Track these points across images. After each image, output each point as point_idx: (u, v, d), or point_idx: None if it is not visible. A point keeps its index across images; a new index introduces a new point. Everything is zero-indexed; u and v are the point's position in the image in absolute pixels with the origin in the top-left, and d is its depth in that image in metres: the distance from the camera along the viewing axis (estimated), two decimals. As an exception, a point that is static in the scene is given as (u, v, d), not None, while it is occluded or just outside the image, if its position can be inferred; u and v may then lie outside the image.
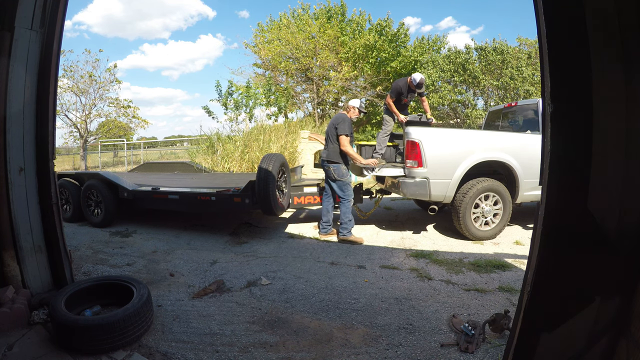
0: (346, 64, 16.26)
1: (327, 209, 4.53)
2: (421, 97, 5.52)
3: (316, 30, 16.12)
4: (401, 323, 2.40)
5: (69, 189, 5.29)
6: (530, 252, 1.38)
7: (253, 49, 17.63)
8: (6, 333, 2.05)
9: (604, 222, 1.23)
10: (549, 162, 1.27)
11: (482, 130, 6.05)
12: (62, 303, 2.12)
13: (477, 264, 3.48)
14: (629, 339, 1.22)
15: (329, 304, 2.69)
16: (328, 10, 17.19)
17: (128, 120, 18.94)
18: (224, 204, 4.47)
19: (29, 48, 2.37)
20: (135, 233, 4.75)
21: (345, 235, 4.27)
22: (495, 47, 13.51)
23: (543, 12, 1.24)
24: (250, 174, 6.54)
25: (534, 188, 4.39)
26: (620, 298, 1.25)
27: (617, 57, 1.18)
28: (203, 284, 3.08)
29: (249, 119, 11.90)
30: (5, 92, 2.27)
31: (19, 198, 2.40)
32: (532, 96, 11.74)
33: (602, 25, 1.18)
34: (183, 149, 18.50)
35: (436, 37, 18.02)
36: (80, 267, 3.41)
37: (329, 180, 4.40)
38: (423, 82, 5.05)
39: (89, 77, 16.28)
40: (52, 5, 2.40)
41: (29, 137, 2.45)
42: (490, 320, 2.21)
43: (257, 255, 3.88)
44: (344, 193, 4.29)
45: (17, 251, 2.39)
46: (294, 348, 2.12)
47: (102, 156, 18.48)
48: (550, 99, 1.25)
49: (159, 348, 2.10)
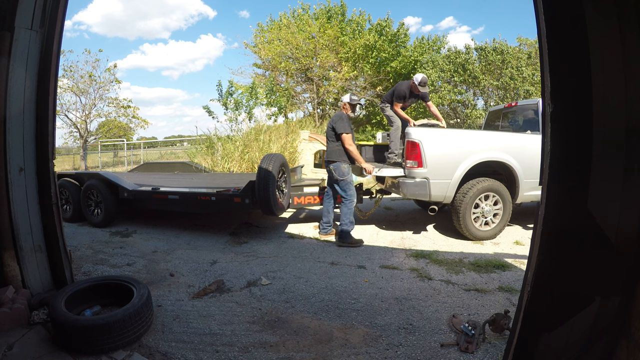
0: (346, 64, 16.26)
1: (328, 209, 4.51)
2: (426, 102, 5.43)
3: (316, 30, 16.12)
4: (401, 323, 2.40)
5: (69, 189, 5.29)
6: (530, 252, 1.38)
7: (253, 49, 17.65)
8: (6, 333, 2.05)
9: (604, 222, 1.23)
10: (549, 162, 1.27)
11: (482, 130, 6.05)
12: (62, 303, 2.12)
13: (477, 264, 3.48)
14: (629, 339, 1.22)
15: (329, 304, 2.69)
16: (328, 10, 17.19)
17: (128, 120, 18.97)
18: (224, 204, 4.47)
19: (29, 48, 2.37)
20: (135, 233, 4.75)
21: (343, 241, 4.16)
22: (495, 47, 13.51)
23: (543, 12, 1.24)
24: (250, 174, 6.54)
25: (534, 188, 4.39)
26: (620, 298, 1.25)
27: (618, 57, 1.18)
28: (203, 284, 3.08)
29: (248, 119, 11.90)
30: (5, 92, 2.27)
31: (19, 198, 2.40)
32: (532, 96, 11.74)
33: (603, 24, 1.18)
34: (183, 149, 18.51)
35: (436, 37, 18.04)
36: (80, 267, 3.41)
37: (331, 181, 4.37)
38: (426, 81, 5.03)
39: (89, 77, 16.30)
40: (52, 5, 2.41)
41: (29, 137, 2.45)
42: (490, 320, 2.21)
43: (257, 255, 3.88)
44: (346, 193, 4.22)
45: (17, 251, 2.39)
46: (294, 348, 2.12)
47: (102, 156, 18.48)
48: (550, 99, 1.25)
49: (159, 348, 2.10)
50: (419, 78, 4.99)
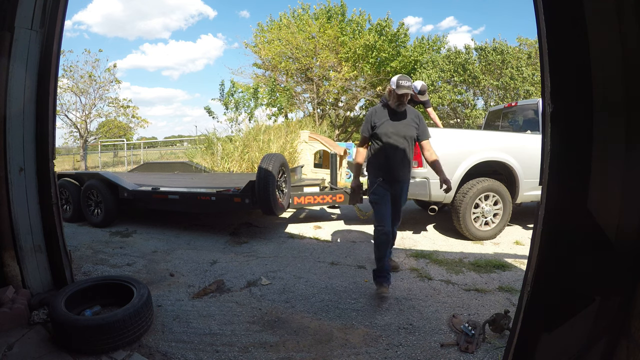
0: (346, 64, 16.25)
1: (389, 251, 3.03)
2: (427, 109, 5.37)
3: (316, 30, 16.11)
4: (401, 323, 2.40)
5: (69, 189, 5.29)
6: (530, 252, 1.38)
7: (253, 49, 17.63)
8: (6, 333, 2.05)
9: (604, 222, 1.23)
10: (549, 162, 1.27)
11: (482, 130, 6.05)
12: (62, 303, 2.12)
13: (477, 264, 3.48)
14: (629, 339, 1.22)
15: (329, 304, 2.69)
16: (328, 10, 17.18)
17: (128, 120, 18.98)
18: (224, 204, 4.47)
19: (29, 48, 2.37)
20: (135, 233, 4.75)
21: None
22: (495, 47, 13.52)
23: (543, 12, 1.24)
24: (250, 174, 6.54)
25: (534, 188, 4.39)
26: (620, 298, 1.25)
27: (618, 57, 1.18)
28: (203, 284, 3.08)
29: (248, 119, 11.91)
30: (5, 92, 2.27)
31: (19, 198, 2.40)
32: (532, 96, 11.74)
33: (603, 25, 1.18)
34: (183, 149, 18.51)
35: (436, 37, 18.03)
36: (80, 267, 3.41)
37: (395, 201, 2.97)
38: (425, 89, 4.98)
39: (88, 77, 16.32)
40: (52, 5, 2.40)
41: (29, 137, 2.45)
42: (490, 320, 2.21)
43: (257, 255, 3.88)
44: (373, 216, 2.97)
45: (17, 251, 2.39)
46: (294, 348, 2.12)
47: (102, 156, 18.48)
48: (550, 99, 1.25)
49: (159, 348, 2.10)
50: (418, 86, 4.91)
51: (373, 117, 2.92)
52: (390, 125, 2.86)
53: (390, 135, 2.85)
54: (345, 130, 19.69)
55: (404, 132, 2.88)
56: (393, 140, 2.85)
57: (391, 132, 2.85)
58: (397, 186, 2.93)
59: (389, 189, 2.90)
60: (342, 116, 19.41)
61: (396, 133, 2.86)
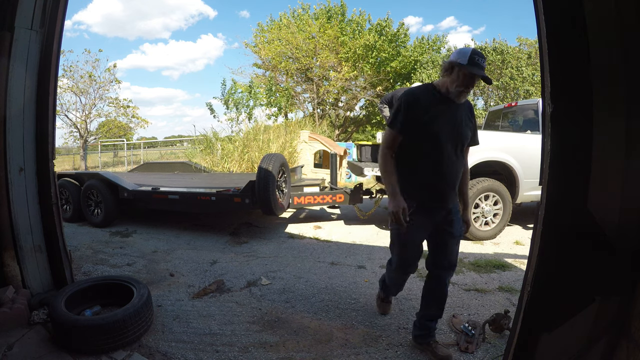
0: (346, 64, 16.25)
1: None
2: None
3: (316, 30, 16.11)
4: (401, 323, 2.40)
5: (69, 189, 5.29)
6: (530, 252, 1.38)
7: (253, 49, 17.63)
8: (6, 333, 2.05)
9: (604, 222, 1.23)
10: (549, 162, 1.27)
11: (482, 130, 6.05)
12: (62, 303, 2.12)
13: (477, 264, 3.48)
14: (629, 339, 1.22)
15: (329, 304, 2.69)
16: (328, 10, 17.18)
17: (128, 120, 18.98)
18: (224, 204, 4.47)
19: (29, 48, 2.37)
20: (135, 233, 4.75)
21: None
22: (495, 47, 13.51)
23: (543, 12, 1.24)
24: (250, 174, 6.54)
25: (534, 188, 4.39)
26: (620, 298, 1.25)
27: (618, 57, 1.18)
28: (203, 284, 3.08)
29: (248, 119, 11.91)
30: (5, 92, 2.27)
31: (19, 198, 2.40)
32: (532, 96, 11.74)
33: (603, 25, 1.19)
34: (183, 149, 18.51)
35: (436, 37, 18.01)
36: (80, 267, 3.41)
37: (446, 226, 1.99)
38: None
39: (88, 77, 16.30)
40: (52, 5, 2.40)
41: (29, 137, 2.44)
42: (490, 320, 2.21)
43: (257, 255, 3.88)
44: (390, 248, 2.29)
45: (17, 251, 2.39)
46: (294, 348, 2.12)
47: (102, 156, 18.48)
48: (550, 99, 1.25)
49: (159, 348, 2.10)
50: None
51: (418, 104, 1.81)
52: (446, 121, 1.82)
53: (448, 137, 1.82)
54: (345, 130, 19.70)
55: (464, 134, 1.89)
56: (451, 145, 1.84)
57: (448, 131, 1.82)
58: (443, 214, 1.93)
59: (429, 218, 1.92)
60: (342, 116, 19.42)
61: (455, 135, 1.85)
